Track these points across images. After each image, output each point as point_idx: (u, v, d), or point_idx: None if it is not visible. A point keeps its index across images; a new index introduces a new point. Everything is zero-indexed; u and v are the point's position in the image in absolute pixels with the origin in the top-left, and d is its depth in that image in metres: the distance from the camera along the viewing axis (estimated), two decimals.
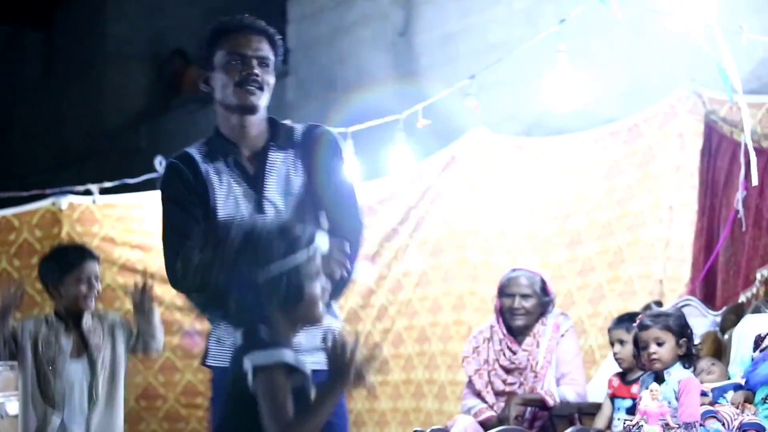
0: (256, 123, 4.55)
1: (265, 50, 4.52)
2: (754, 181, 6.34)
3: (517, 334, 6.97)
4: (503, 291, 7.01)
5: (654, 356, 5.68)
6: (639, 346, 5.80)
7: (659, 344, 5.69)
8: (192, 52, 15.26)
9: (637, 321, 5.86)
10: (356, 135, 8.80)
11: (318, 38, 12.20)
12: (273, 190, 4.50)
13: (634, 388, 6.39)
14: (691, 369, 5.78)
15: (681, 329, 5.75)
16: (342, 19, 11.82)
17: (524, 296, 6.91)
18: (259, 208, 4.47)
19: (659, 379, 5.70)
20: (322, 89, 11.93)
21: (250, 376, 3.37)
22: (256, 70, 4.47)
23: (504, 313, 6.99)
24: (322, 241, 3.63)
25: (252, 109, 4.50)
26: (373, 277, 9.04)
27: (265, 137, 4.56)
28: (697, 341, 6.01)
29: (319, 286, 3.59)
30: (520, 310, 6.90)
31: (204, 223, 4.38)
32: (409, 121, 7.95)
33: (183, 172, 4.50)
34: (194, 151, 4.56)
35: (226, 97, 4.50)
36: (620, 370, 6.55)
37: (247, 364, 3.38)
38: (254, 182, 4.50)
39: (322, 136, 4.60)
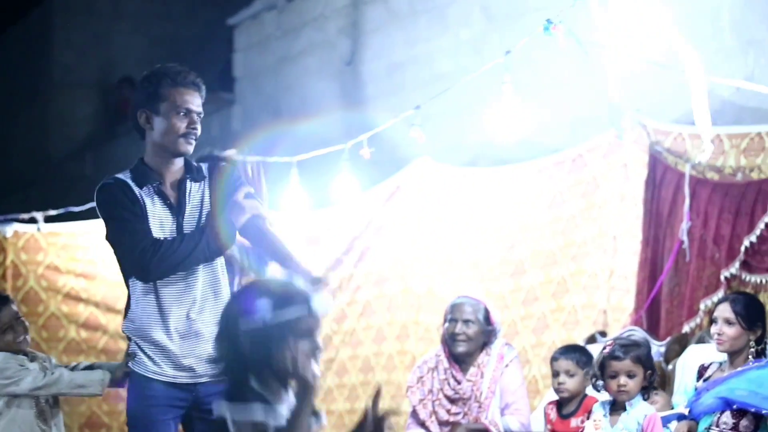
0: (178, 160, 5.19)
1: (201, 106, 5.23)
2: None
3: (462, 363, 6.89)
4: (447, 317, 6.93)
5: (623, 388, 5.62)
6: (606, 373, 5.70)
7: (630, 377, 5.62)
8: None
9: (607, 348, 5.77)
10: (302, 164, 8.69)
11: (264, 67, 12.13)
12: (190, 215, 5.16)
13: (573, 422, 6.37)
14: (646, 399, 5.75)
15: (650, 362, 5.74)
16: (289, 49, 11.75)
17: (467, 322, 6.82)
18: (179, 230, 5.11)
19: (617, 407, 5.63)
20: (268, 118, 11.83)
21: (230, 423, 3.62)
22: (197, 125, 5.16)
23: (447, 341, 6.91)
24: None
25: (185, 155, 5.18)
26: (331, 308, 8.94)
27: (182, 171, 5.19)
28: None
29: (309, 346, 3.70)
30: (462, 336, 6.81)
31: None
32: (354, 151, 7.86)
33: (122, 190, 5.10)
34: (124, 177, 5.18)
35: (166, 141, 5.12)
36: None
37: (225, 412, 3.63)
38: (175, 208, 5.14)
39: (223, 168, 5.30)
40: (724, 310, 5.96)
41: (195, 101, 5.16)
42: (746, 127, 6.85)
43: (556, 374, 6.47)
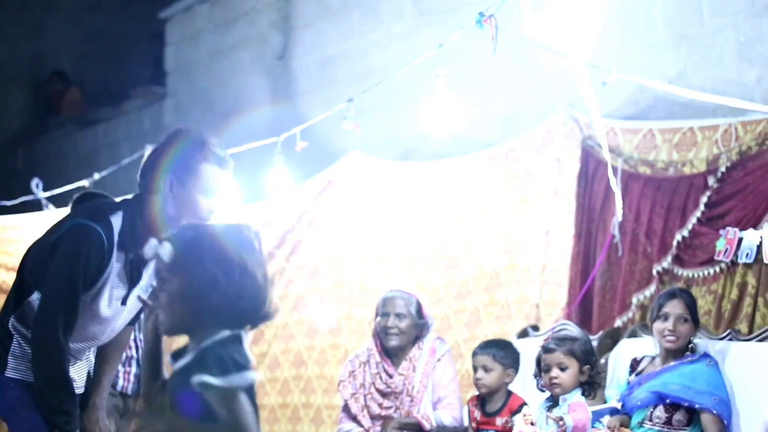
0: None
1: None
2: (619, 216, 6.21)
3: (394, 357, 6.80)
4: (379, 311, 6.84)
5: (555, 380, 5.49)
6: (541, 367, 5.60)
7: (562, 369, 5.51)
8: (72, 74, 14.95)
9: (543, 342, 5.67)
10: (234, 158, 8.46)
11: (197, 61, 11.98)
12: (138, 290, 4.78)
13: (498, 421, 6.32)
14: (591, 397, 5.64)
15: (586, 356, 5.58)
16: (221, 42, 11.60)
17: (399, 316, 6.73)
18: (123, 301, 4.77)
19: (556, 403, 5.51)
20: (200, 112, 11.70)
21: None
22: (216, 207, 4.76)
23: (380, 334, 6.81)
24: None
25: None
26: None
27: None
28: None
29: None
30: (394, 330, 6.71)
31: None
32: (287, 145, 7.73)
33: (100, 251, 4.61)
34: (114, 231, 4.67)
35: (181, 213, 4.68)
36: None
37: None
38: (131, 282, 4.77)
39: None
40: (678, 307, 5.88)
41: (219, 181, 4.81)
42: (678, 122, 6.80)
43: (475, 369, 6.46)
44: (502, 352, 6.36)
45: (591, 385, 5.58)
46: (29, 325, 4.72)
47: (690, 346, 5.90)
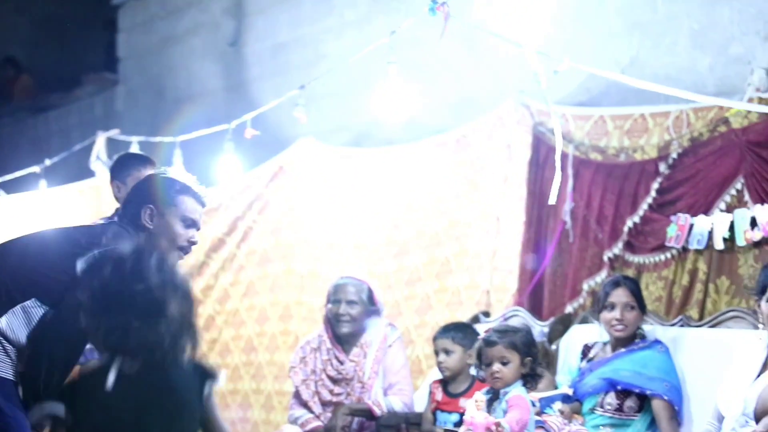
0: None
1: None
2: (552, 200, 6.12)
3: (344, 343, 6.75)
4: (330, 297, 6.79)
5: (497, 375, 5.29)
6: (483, 360, 5.46)
7: (504, 363, 5.31)
8: (24, 60, 14.74)
9: (483, 334, 5.51)
10: (185, 144, 8.48)
11: (148, 47, 11.83)
12: None
13: (462, 402, 6.22)
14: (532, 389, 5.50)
15: (527, 348, 5.39)
16: (173, 29, 11.45)
17: (350, 303, 6.69)
18: None
19: (496, 395, 5.37)
20: (151, 98, 11.56)
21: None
22: (196, 238, 4.76)
23: (331, 321, 6.75)
24: None
25: None
26: None
27: None
28: None
29: None
30: (346, 317, 6.67)
31: None
32: (238, 132, 7.64)
33: None
34: None
35: (163, 242, 4.64)
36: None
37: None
38: None
39: None
40: (623, 295, 5.80)
41: (199, 213, 4.83)
42: (630, 108, 6.72)
43: (436, 353, 6.41)
44: (461, 333, 6.32)
45: (533, 376, 5.42)
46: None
47: (638, 332, 5.82)
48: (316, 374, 6.76)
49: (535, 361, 5.42)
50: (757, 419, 4.50)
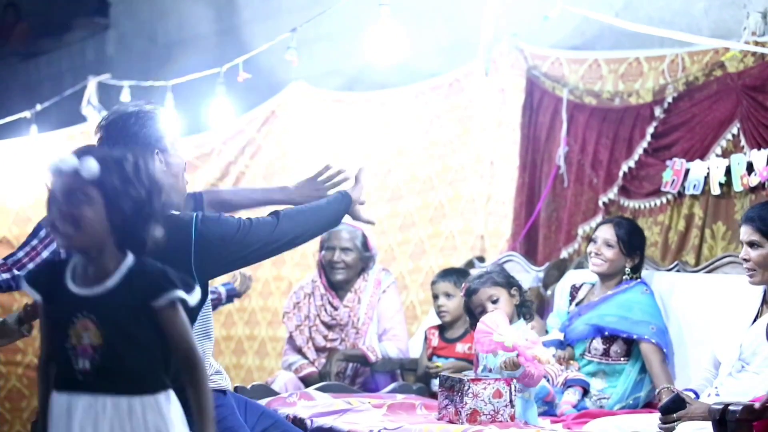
0: None
1: None
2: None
3: (339, 289, 6.71)
4: (324, 244, 6.72)
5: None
6: (473, 312, 5.39)
7: (494, 301, 5.38)
8: (25, 8, 14.55)
9: (462, 291, 5.53)
10: (177, 89, 8.35)
11: None
12: None
13: (459, 347, 6.22)
14: (532, 320, 5.53)
15: (507, 279, 5.51)
16: None
17: (345, 250, 6.63)
18: None
19: None
20: (143, 43, 11.40)
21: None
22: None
23: (325, 267, 6.68)
24: None
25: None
26: None
27: None
28: None
29: None
30: (340, 264, 6.62)
31: None
32: (230, 76, 7.52)
33: None
34: None
35: (171, 187, 4.32)
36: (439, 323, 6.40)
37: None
38: None
39: None
40: (606, 232, 5.74)
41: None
42: (624, 51, 6.59)
43: (435, 297, 6.37)
44: (462, 278, 6.20)
45: (525, 305, 5.50)
46: None
47: (624, 276, 5.72)
48: (310, 320, 6.70)
49: (520, 289, 5.50)
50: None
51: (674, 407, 4.51)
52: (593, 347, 5.63)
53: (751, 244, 4.82)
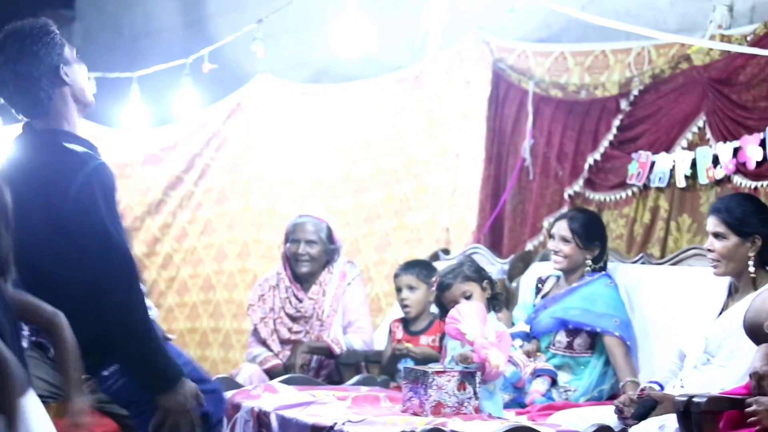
0: None
1: None
2: None
3: (303, 281, 6.66)
4: (289, 237, 6.67)
5: None
6: (445, 307, 5.35)
7: (467, 297, 5.32)
8: None
9: (434, 283, 5.48)
10: (142, 80, 8.27)
11: None
12: None
13: (423, 339, 6.21)
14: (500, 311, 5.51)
15: (479, 273, 5.46)
16: None
17: (310, 242, 6.59)
18: None
19: None
20: (108, 35, 11.28)
21: None
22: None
23: (290, 260, 6.63)
24: None
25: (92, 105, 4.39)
26: None
27: None
28: None
29: None
30: (305, 256, 6.57)
31: None
32: (196, 67, 7.45)
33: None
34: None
35: (84, 94, 4.28)
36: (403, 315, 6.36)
37: None
38: None
39: None
40: (561, 228, 5.70)
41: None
42: (590, 44, 6.56)
43: (399, 290, 6.31)
44: (426, 271, 6.23)
45: (497, 297, 5.46)
46: None
47: (586, 268, 5.68)
48: (275, 312, 6.66)
49: (491, 282, 5.46)
50: (746, 327, 4.31)
51: (646, 412, 4.50)
52: (557, 340, 5.60)
53: (716, 235, 4.81)
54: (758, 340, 4.12)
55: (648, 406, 4.51)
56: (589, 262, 5.67)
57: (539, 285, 5.93)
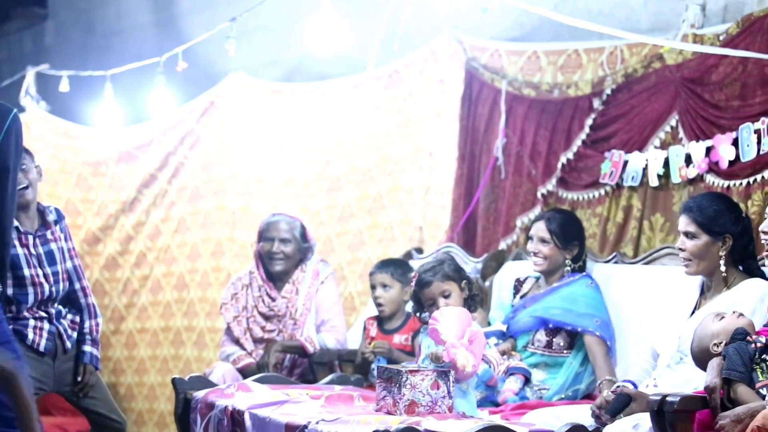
0: None
1: None
2: None
3: (277, 280, 6.63)
4: (263, 235, 6.64)
5: None
6: (422, 303, 5.32)
7: (446, 296, 5.27)
8: None
9: (413, 279, 5.40)
10: (115, 78, 8.26)
11: None
12: None
13: (396, 338, 6.20)
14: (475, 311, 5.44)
15: (459, 273, 5.39)
16: None
17: (283, 241, 6.57)
18: None
19: None
20: (81, 33, 11.21)
21: None
22: None
23: (263, 258, 6.62)
24: None
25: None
26: None
27: None
28: None
29: None
30: (279, 255, 6.55)
31: None
32: (169, 66, 7.42)
33: None
34: None
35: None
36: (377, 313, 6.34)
37: None
38: None
39: None
40: (539, 229, 5.69)
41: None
42: (563, 43, 6.55)
43: (373, 287, 6.30)
44: (400, 269, 6.23)
45: (473, 298, 5.39)
46: None
47: (566, 268, 5.68)
48: (248, 311, 6.63)
49: (469, 282, 5.40)
50: (694, 357, 4.37)
51: (621, 408, 4.49)
52: (536, 339, 5.60)
53: (687, 234, 4.81)
54: (705, 366, 4.18)
55: (622, 401, 4.50)
56: (569, 261, 5.68)
57: (518, 285, 5.94)
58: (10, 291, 5.38)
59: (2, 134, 4.37)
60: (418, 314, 5.39)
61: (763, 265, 4.81)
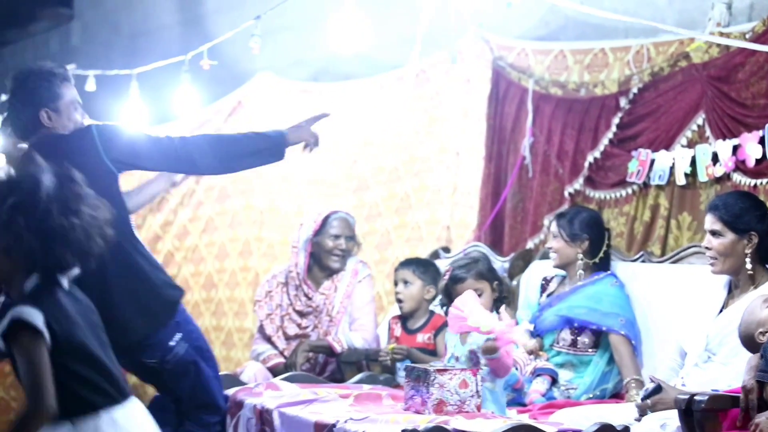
0: None
1: None
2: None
3: (318, 277, 6.64)
4: (325, 231, 6.62)
5: None
6: (452, 298, 5.27)
7: (479, 295, 5.21)
8: None
9: (447, 273, 5.40)
10: (142, 77, 8.26)
11: None
12: None
13: (420, 338, 6.23)
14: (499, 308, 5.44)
15: (492, 273, 5.39)
16: None
17: (348, 238, 6.64)
18: None
19: None
20: (107, 33, 11.29)
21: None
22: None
23: (314, 254, 6.63)
24: None
25: None
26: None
27: None
28: None
29: None
30: (340, 252, 6.60)
31: None
32: (195, 64, 7.45)
33: None
34: None
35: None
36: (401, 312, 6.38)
37: None
38: None
39: None
40: (552, 226, 5.80)
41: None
42: (590, 42, 6.56)
43: (396, 284, 6.36)
44: (422, 267, 6.27)
45: (501, 300, 5.40)
46: None
47: (578, 262, 5.69)
48: (282, 308, 6.64)
49: (500, 283, 5.40)
50: (741, 339, 4.36)
51: (653, 394, 4.53)
52: (561, 338, 5.62)
53: (713, 233, 4.83)
54: (753, 350, 4.18)
55: (657, 390, 4.53)
56: (581, 256, 5.70)
57: (545, 285, 5.96)
58: None
59: (101, 151, 5.00)
60: (445, 308, 5.39)
61: None
